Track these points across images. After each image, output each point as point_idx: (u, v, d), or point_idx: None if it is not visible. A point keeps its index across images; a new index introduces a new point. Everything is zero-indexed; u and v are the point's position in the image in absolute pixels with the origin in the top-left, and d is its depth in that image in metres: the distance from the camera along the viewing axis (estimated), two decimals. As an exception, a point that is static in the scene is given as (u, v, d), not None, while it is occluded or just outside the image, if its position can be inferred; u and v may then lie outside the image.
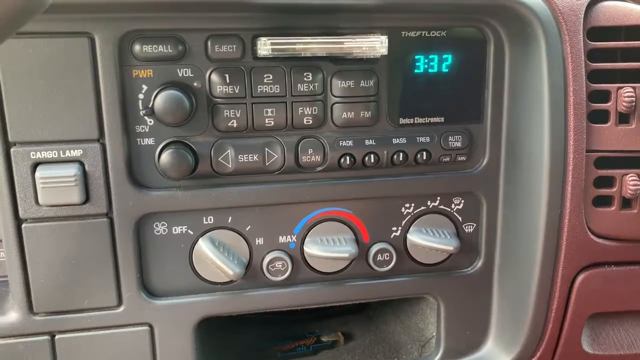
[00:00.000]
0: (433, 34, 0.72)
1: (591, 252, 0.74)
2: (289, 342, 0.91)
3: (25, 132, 0.64)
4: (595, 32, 0.70)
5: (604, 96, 0.71)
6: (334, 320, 0.99)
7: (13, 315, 0.70)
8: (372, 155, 0.73)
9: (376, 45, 0.64)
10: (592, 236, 0.74)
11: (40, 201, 0.66)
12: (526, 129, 0.73)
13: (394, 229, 0.78)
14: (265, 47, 0.63)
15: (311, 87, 0.69)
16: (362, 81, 0.70)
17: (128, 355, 0.73)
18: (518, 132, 0.74)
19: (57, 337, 0.71)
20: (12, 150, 0.65)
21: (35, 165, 0.65)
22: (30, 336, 0.70)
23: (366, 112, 0.71)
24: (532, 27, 0.69)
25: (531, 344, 0.79)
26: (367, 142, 0.73)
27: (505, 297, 0.81)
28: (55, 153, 0.65)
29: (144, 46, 0.65)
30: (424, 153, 0.74)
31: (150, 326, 0.73)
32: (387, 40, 0.65)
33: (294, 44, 0.63)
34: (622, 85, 0.70)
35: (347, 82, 0.70)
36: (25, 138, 0.65)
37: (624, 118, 0.71)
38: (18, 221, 0.67)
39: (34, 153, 0.65)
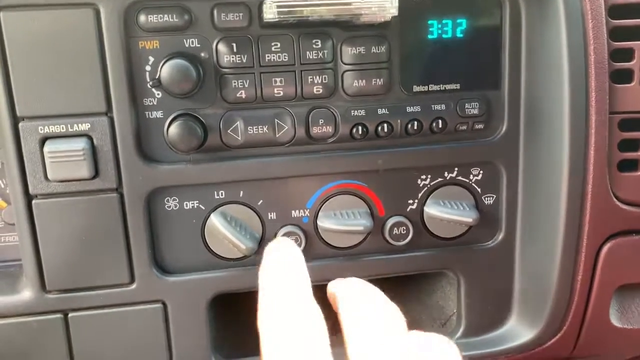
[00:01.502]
0: (446, -4, 0.69)
1: (617, 219, 0.71)
2: (306, 323, 0.89)
3: (32, 106, 0.64)
4: (616, -12, 0.67)
5: (628, 54, 0.67)
6: (352, 301, 0.97)
7: (26, 294, 0.69)
8: (385, 125, 0.71)
9: (386, 5, 0.62)
10: (617, 203, 0.70)
11: (49, 176, 0.65)
12: (546, 93, 0.70)
13: (410, 201, 0.76)
14: (271, 10, 0.61)
15: (320, 54, 0.68)
16: (373, 47, 0.68)
17: (141, 332, 0.72)
18: (537, 97, 0.71)
19: (70, 315, 0.70)
20: (20, 125, 0.64)
21: (44, 140, 0.65)
22: (44, 314, 0.70)
23: (378, 80, 0.69)
24: (549, -16, 0.66)
25: (556, 319, 0.76)
26: (379, 111, 0.71)
27: (528, 271, 0.78)
28: (63, 127, 0.65)
29: (149, 16, 0.64)
30: (440, 121, 0.72)
31: (163, 303, 0.72)
32: (397, 0, 0.63)
33: (301, 6, 0.62)
34: (646, 42, 0.67)
35: (357, 48, 0.68)
36: (33, 112, 0.64)
37: (649, 77, 0.68)
38: (28, 197, 0.66)
39: (42, 127, 0.64)
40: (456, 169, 0.75)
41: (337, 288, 0.50)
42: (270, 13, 0.62)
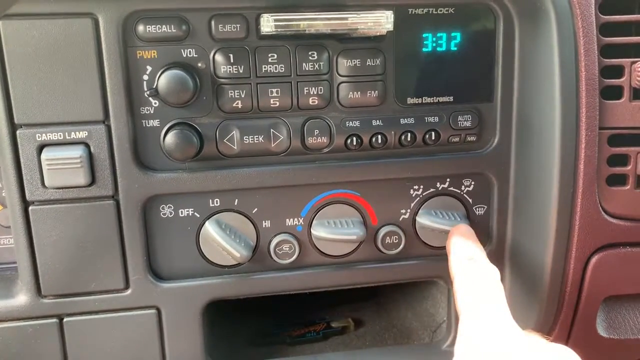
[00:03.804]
0: (441, 11, 0.70)
1: (605, 232, 0.72)
2: (299, 328, 0.90)
3: (30, 114, 0.65)
4: (607, 6, 0.68)
5: (618, 71, 0.69)
6: (345, 306, 0.98)
7: (22, 298, 0.70)
8: (379, 136, 0.72)
9: (381, 20, 0.63)
10: (606, 216, 0.72)
11: (46, 183, 0.66)
12: (537, 107, 0.71)
13: (403, 211, 0.77)
14: (268, 23, 0.62)
15: (316, 66, 0.69)
16: (369, 60, 0.69)
17: (135, 338, 0.73)
18: (529, 110, 0.73)
19: (65, 320, 0.71)
20: (18, 132, 0.65)
21: (41, 148, 0.65)
22: (39, 319, 0.71)
23: (373, 92, 0.70)
24: (542, 1, 0.67)
25: (544, 328, 0.77)
26: (374, 122, 0.72)
27: (517, 281, 0.79)
28: (60, 135, 0.65)
29: (147, 26, 0.65)
30: (433, 133, 0.73)
31: (158, 309, 0.73)
32: (392, 15, 0.64)
33: (298, 20, 0.62)
34: (636, 59, 0.68)
35: (353, 60, 0.69)
36: (31, 120, 0.65)
37: (638, 94, 0.69)
38: (25, 204, 0.67)
39: (40, 135, 0.65)
40: (448, 179, 0.76)
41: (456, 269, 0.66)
42: (267, 26, 0.62)
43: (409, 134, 0.72)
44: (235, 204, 0.72)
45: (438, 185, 0.76)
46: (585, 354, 0.78)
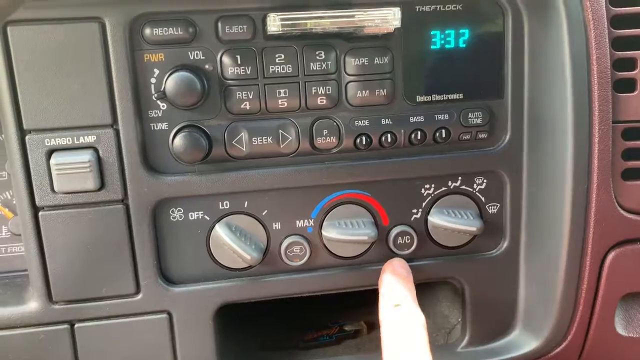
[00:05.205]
0: (448, 7, 0.70)
1: (622, 228, 0.71)
2: (312, 332, 0.89)
3: (39, 119, 0.65)
4: (618, -3, 0.67)
5: (630, 64, 0.68)
6: (358, 310, 0.97)
7: (33, 305, 0.70)
8: (389, 135, 0.71)
9: (389, 17, 0.62)
10: (622, 211, 0.70)
11: (55, 188, 0.66)
12: (549, 102, 0.70)
13: (414, 211, 0.76)
14: (274, 23, 0.62)
15: (324, 65, 0.68)
16: (377, 58, 0.69)
17: (147, 343, 0.72)
18: (540, 106, 0.72)
19: (76, 325, 0.71)
20: (27, 138, 0.65)
21: (50, 153, 0.65)
22: (50, 325, 0.70)
23: (381, 91, 0.70)
24: (551, -5, 0.66)
25: (561, 328, 0.76)
26: (383, 121, 0.71)
27: (532, 280, 0.78)
28: (69, 140, 0.65)
29: (154, 29, 0.65)
30: (443, 131, 0.72)
31: (169, 314, 0.72)
32: (399, 12, 0.63)
33: (304, 19, 0.62)
34: (649, 52, 0.67)
35: (361, 59, 0.68)
36: (40, 125, 0.65)
37: (652, 86, 0.68)
38: (35, 209, 0.67)
39: (49, 140, 0.65)
40: (460, 178, 0.75)
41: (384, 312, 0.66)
42: (274, 26, 0.62)
43: (419, 133, 0.72)
44: (245, 206, 0.72)
45: (450, 183, 0.75)
46: (604, 352, 0.77)
